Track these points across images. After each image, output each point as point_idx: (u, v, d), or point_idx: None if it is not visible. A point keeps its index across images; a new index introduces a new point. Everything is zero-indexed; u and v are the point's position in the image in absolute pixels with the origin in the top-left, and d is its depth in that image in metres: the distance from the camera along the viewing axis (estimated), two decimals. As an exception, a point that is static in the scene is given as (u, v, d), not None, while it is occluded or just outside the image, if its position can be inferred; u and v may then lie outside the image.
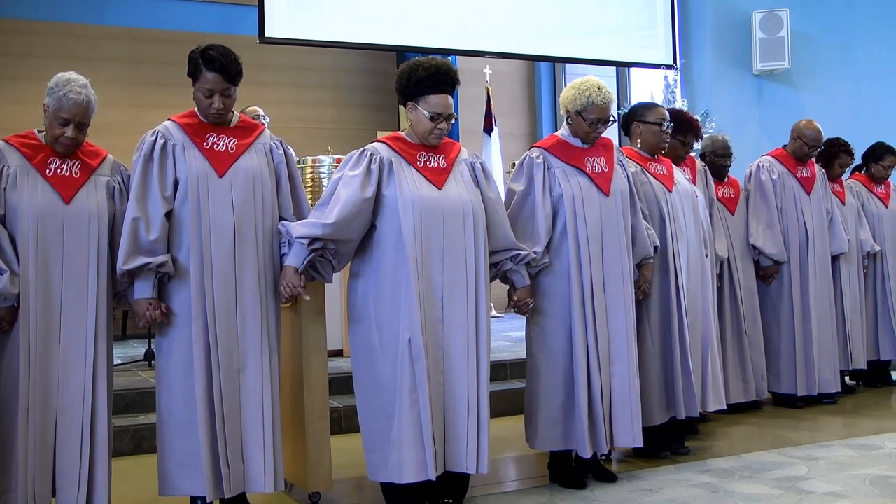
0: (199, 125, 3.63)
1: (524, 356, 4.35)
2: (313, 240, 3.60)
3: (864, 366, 6.48)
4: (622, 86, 10.03)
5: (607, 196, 4.23)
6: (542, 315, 4.19)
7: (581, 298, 4.12)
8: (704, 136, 6.22)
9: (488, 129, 9.67)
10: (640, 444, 4.23)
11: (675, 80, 8.81)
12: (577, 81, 4.28)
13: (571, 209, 4.15)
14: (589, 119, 4.21)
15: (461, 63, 8.77)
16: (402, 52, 8.34)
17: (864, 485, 4.11)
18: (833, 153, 6.46)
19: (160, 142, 3.56)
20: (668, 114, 4.80)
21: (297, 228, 3.62)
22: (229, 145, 3.63)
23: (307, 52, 9.32)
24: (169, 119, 3.67)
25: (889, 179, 6.94)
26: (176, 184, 3.55)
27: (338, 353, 5.95)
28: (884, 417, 5.78)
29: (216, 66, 3.52)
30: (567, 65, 9.80)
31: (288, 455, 4.01)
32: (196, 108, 3.66)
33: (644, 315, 4.55)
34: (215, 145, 3.61)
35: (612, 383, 4.17)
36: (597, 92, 4.19)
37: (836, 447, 4.86)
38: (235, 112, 3.77)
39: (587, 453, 4.10)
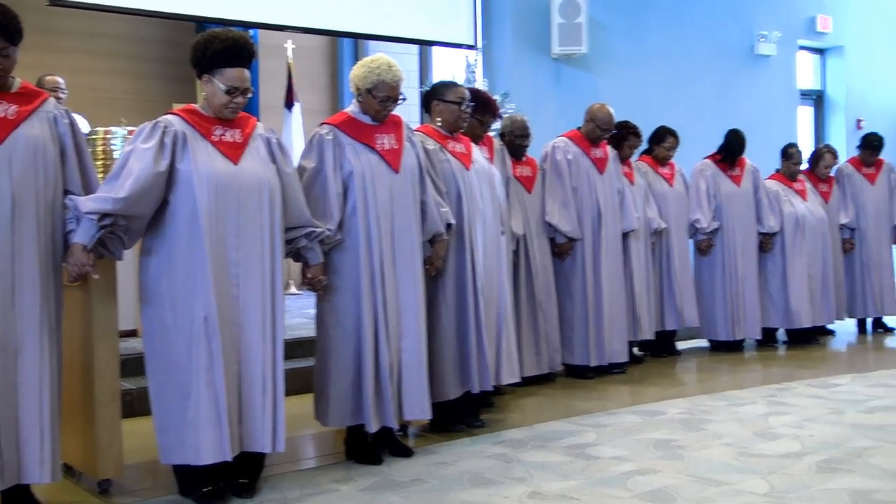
0: None
1: (320, 333, 4.32)
2: (103, 215, 3.44)
3: (651, 336, 6.84)
4: (424, 64, 10.09)
5: (397, 173, 4.26)
6: (334, 292, 4.19)
7: (370, 274, 4.15)
8: (504, 116, 6.36)
9: (289, 104, 9.53)
10: (429, 416, 4.32)
11: (476, 61, 8.92)
12: (367, 59, 4.27)
13: (361, 187, 4.16)
14: (379, 97, 4.21)
15: (262, 37, 8.60)
16: (201, 23, 8.08)
17: (648, 448, 4.34)
18: (623, 135, 6.73)
19: None
20: (467, 93, 4.87)
21: (86, 203, 3.44)
22: (8, 112, 3.38)
23: (102, 18, 8.86)
24: (-59, 85, 3.41)
25: (673, 161, 7.32)
26: None
27: (131, 333, 5.74)
28: (668, 385, 6.12)
29: None
30: (370, 41, 9.76)
31: (77, 441, 3.84)
32: None
33: (440, 291, 4.62)
34: None
35: (402, 358, 4.23)
36: (387, 70, 4.20)
37: (623, 414, 5.11)
38: (17, 78, 3.52)
39: (373, 428, 4.15)
